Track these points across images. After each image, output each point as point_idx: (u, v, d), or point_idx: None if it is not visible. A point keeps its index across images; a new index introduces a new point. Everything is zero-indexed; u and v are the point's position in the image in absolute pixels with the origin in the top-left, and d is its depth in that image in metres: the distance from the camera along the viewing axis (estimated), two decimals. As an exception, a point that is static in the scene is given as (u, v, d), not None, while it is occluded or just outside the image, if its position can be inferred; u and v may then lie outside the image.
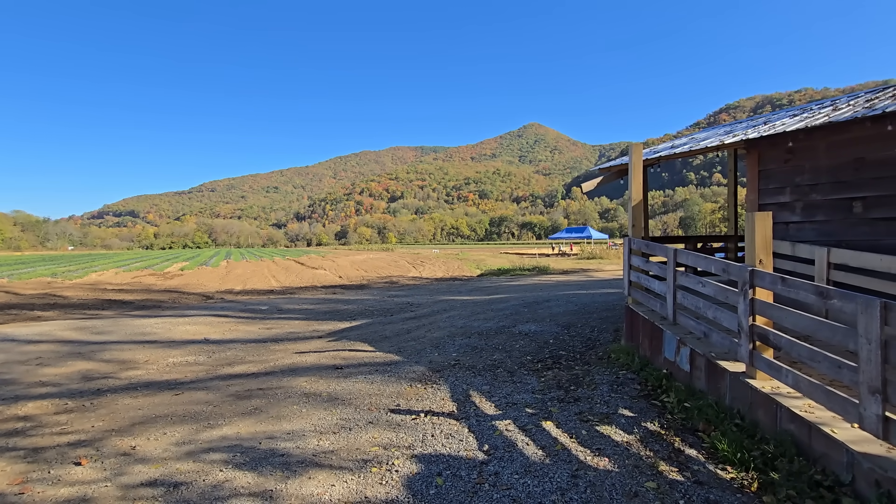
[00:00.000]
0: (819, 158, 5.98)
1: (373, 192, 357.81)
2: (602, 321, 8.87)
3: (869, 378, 2.77)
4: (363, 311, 12.34)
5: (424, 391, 5.36)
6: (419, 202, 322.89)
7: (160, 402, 5.41)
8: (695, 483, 3.09)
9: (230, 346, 8.62)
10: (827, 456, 3.09)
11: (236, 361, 7.37)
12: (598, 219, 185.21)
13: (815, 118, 5.96)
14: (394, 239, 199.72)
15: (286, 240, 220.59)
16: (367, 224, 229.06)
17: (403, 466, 3.57)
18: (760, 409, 3.72)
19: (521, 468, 3.42)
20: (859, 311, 2.82)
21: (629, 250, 6.44)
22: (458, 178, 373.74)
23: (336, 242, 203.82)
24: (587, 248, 43.55)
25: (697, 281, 4.72)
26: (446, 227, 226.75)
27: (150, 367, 7.22)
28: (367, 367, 6.58)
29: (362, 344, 8.16)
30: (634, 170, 6.34)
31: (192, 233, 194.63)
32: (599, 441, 3.79)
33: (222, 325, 10.82)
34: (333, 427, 4.41)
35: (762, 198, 6.61)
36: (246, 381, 6.14)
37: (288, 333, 9.74)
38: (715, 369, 4.37)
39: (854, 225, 5.65)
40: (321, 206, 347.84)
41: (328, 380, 6.00)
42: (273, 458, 3.80)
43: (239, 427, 4.50)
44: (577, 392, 5.06)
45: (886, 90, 6.95)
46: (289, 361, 7.16)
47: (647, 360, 5.68)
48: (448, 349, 7.34)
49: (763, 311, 3.77)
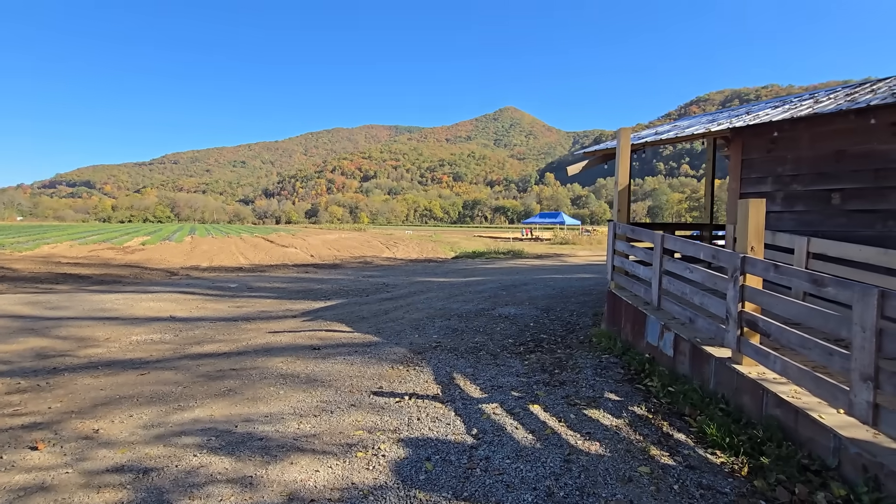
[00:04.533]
0: (801, 150, 6.07)
1: (345, 171, 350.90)
2: (581, 305, 8.93)
3: (861, 365, 2.79)
4: (338, 291, 12.06)
5: (407, 373, 5.24)
6: (392, 182, 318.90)
7: (124, 382, 5.09)
8: (687, 467, 3.09)
9: (198, 324, 8.24)
10: (813, 441, 3.13)
11: (206, 340, 7.05)
12: (571, 205, 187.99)
13: (800, 109, 6.03)
14: (366, 219, 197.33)
15: (254, 216, 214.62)
16: (339, 203, 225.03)
17: (390, 451, 3.44)
18: (746, 395, 3.77)
19: (513, 453, 3.35)
20: (855, 300, 2.83)
21: (614, 235, 6.43)
22: (432, 160, 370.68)
23: (306, 221, 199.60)
24: (560, 234, 44.11)
25: (685, 267, 4.72)
26: (419, 208, 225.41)
27: (111, 345, 6.81)
28: (346, 347, 6.40)
29: (339, 324, 7.95)
30: (622, 154, 6.29)
31: (153, 206, 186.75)
32: (589, 425, 3.77)
33: (189, 303, 10.36)
34: (314, 410, 4.23)
35: (744, 187, 6.70)
36: (217, 361, 5.86)
37: (260, 312, 9.40)
38: (700, 354, 4.40)
39: (832, 216, 5.79)
40: (291, 183, 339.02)
41: (305, 360, 5.79)
42: (251, 441, 3.60)
43: (212, 409, 4.27)
44: (561, 375, 5.03)
45: (864, 85, 7.10)
46: (262, 341, 6.89)
47: (629, 345, 5.71)
48: (428, 331, 7.22)
49: (753, 297, 3.79)
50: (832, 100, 6.32)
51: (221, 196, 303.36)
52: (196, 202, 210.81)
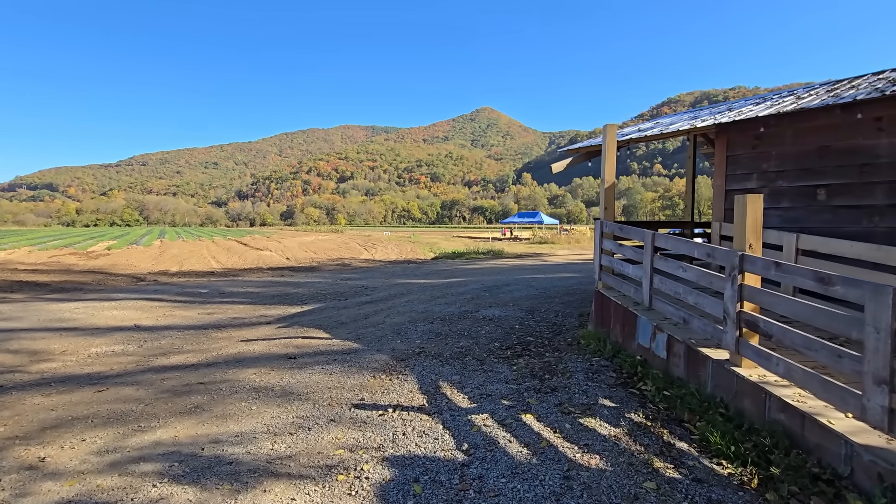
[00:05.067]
0: (786, 145, 6.03)
1: (321, 172, 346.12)
2: (565, 305, 8.77)
3: (875, 368, 2.64)
4: (315, 295, 11.64)
5: (390, 383, 4.94)
6: (370, 183, 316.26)
7: (79, 401, 4.65)
8: (693, 481, 2.89)
9: (165, 333, 7.75)
10: (822, 447, 2.98)
11: (172, 351, 6.59)
12: (548, 205, 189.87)
13: (784, 105, 5.98)
14: (343, 220, 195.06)
15: (227, 219, 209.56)
16: (315, 204, 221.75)
17: (374, 472, 3.15)
18: (747, 398, 3.61)
19: (508, 470, 3.10)
20: (867, 299, 2.68)
21: (601, 233, 6.26)
22: (409, 160, 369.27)
23: (282, 223, 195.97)
24: (539, 233, 44.30)
25: (678, 265, 4.56)
26: (397, 209, 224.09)
27: (67, 358, 6.30)
28: (324, 355, 6.05)
29: (317, 330, 7.58)
30: (608, 151, 6.13)
31: (120, 209, 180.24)
32: (586, 436, 3.55)
33: (156, 310, 9.80)
34: (290, 427, 3.90)
35: (729, 183, 6.63)
36: (184, 374, 5.45)
37: (232, 319, 8.94)
38: (696, 356, 4.24)
39: (817, 212, 5.75)
40: (265, 185, 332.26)
41: (280, 371, 5.43)
42: (219, 466, 3.25)
43: (177, 429, 3.89)
44: (552, 381, 4.82)
45: (841, 82, 7.14)
46: (234, 350, 6.48)
47: (619, 347, 5.54)
48: (411, 336, 6.92)
49: (752, 297, 3.63)
50: (814, 96, 6.30)
51: (193, 198, 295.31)
52: (166, 205, 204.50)
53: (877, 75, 6.74)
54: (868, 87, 5.85)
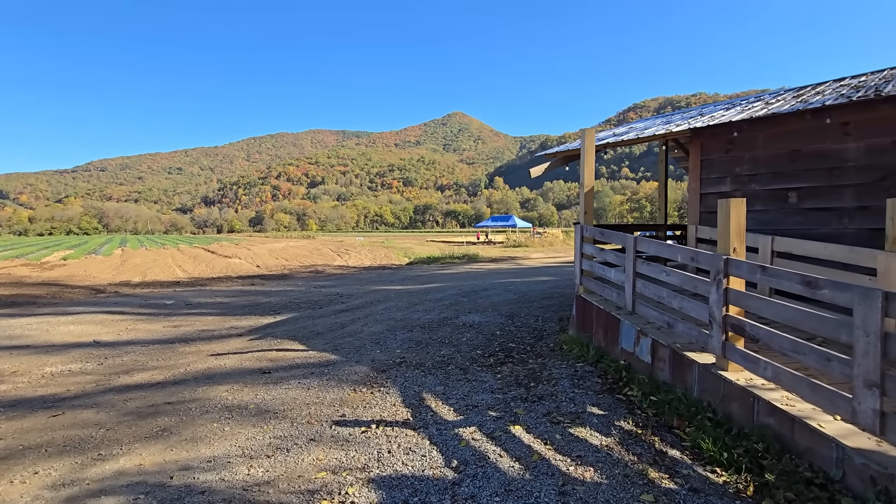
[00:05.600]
0: (758, 150, 6.16)
1: (291, 177, 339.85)
2: (544, 310, 8.75)
3: (865, 371, 2.65)
4: (288, 304, 11.27)
5: (371, 396, 4.75)
6: (341, 188, 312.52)
7: (31, 428, 4.27)
8: (690, 491, 2.84)
9: (128, 349, 7.31)
10: (812, 451, 2.98)
11: (136, 368, 6.20)
12: (520, 208, 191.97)
13: (756, 110, 6.11)
14: (314, 226, 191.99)
15: (193, 226, 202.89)
16: (286, 210, 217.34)
17: (360, 495, 2.97)
18: (734, 402, 3.60)
19: (501, 488, 2.97)
20: (856, 302, 2.69)
21: (581, 238, 6.25)
22: (381, 165, 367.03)
23: (251, 229, 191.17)
24: (512, 237, 44.62)
25: (661, 270, 4.56)
26: (370, 214, 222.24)
27: (18, 379, 5.83)
28: (301, 369, 5.80)
29: (291, 342, 7.29)
30: (587, 155, 6.13)
31: (77, 217, 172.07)
32: (578, 446, 3.46)
33: (118, 324, 9.27)
34: (267, 448, 3.66)
35: (704, 187, 6.74)
36: (150, 394, 5.10)
37: (200, 332, 8.53)
38: (681, 360, 4.23)
39: (789, 214, 5.89)
40: (233, 190, 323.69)
41: (255, 387, 5.15)
42: (190, 497, 3.00)
43: (142, 456, 3.60)
44: (538, 389, 4.73)
45: (805, 88, 7.38)
46: (203, 366, 6.15)
47: (602, 352, 5.52)
48: (390, 345, 6.74)
49: (738, 300, 3.64)
50: (783, 101, 6.48)
51: (156, 205, 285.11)
52: (127, 212, 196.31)
53: (838, 82, 7.00)
54: (832, 92, 6.05)
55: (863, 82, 6.21)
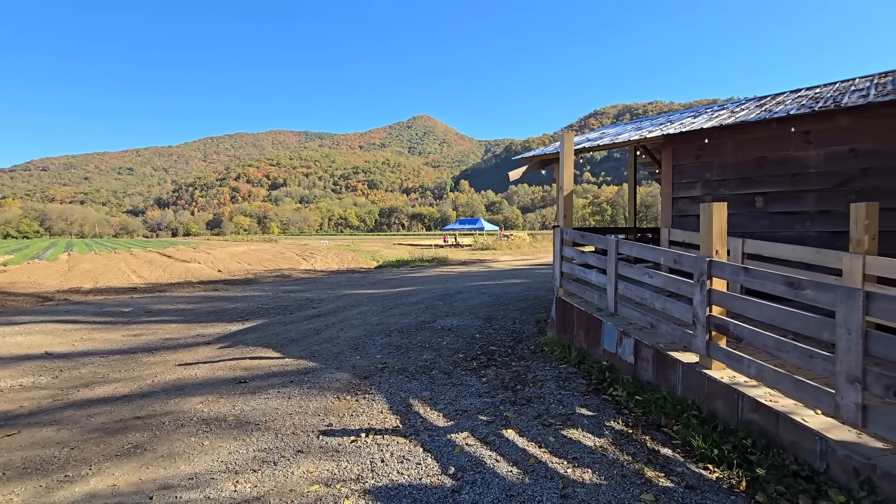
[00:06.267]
0: (727, 156, 6.44)
1: (251, 179, 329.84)
2: (521, 312, 8.82)
3: (848, 367, 2.78)
4: (256, 310, 10.89)
5: (357, 404, 4.62)
6: (304, 190, 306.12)
7: (-17, 450, 3.90)
8: (687, 488, 2.90)
9: (85, 360, 6.85)
10: (796, 444, 3.10)
11: (97, 381, 5.81)
12: (485, 211, 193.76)
13: (724, 117, 6.38)
14: (276, 229, 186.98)
15: (145, 229, 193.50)
16: (246, 212, 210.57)
17: (358, 508, 2.87)
18: (719, 400, 3.72)
19: (502, 493, 2.94)
20: (838, 302, 2.82)
21: (560, 240, 6.33)
22: (345, 167, 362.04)
23: (208, 233, 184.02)
24: (480, 240, 44.93)
25: (643, 272, 4.67)
26: (334, 217, 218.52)
27: (-38, 397, 5.34)
28: (279, 377, 5.59)
29: (265, 349, 7.03)
30: (566, 159, 6.22)
31: (16, 220, 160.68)
32: (572, 448, 3.48)
33: (71, 334, 8.69)
34: (252, 462, 3.49)
35: (675, 191, 6.98)
36: (115, 408, 4.78)
37: (164, 340, 8.11)
38: (665, 360, 4.34)
39: (756, 218, 6.18)
40: (189, 192, 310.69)
41: (231, 398, 4.92)
42: (174, 518, 2.82)
43: (114, 476, 3.35)
44: (525, 392, 4.74)
45: (765, 98, 7.78)
46: (172, 377, 5.83)
47: (585, 353, 5.60)
48: (370, 350, 6.60)
49: (721, 301, 3.76)
50: (747, 110, 6.81)
51: (105, 207, 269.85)
52: (72, 214, 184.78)
53: (795, 92, 7.42)
54: (793, 102, 6.40)
55: (819, 94, 6.60)
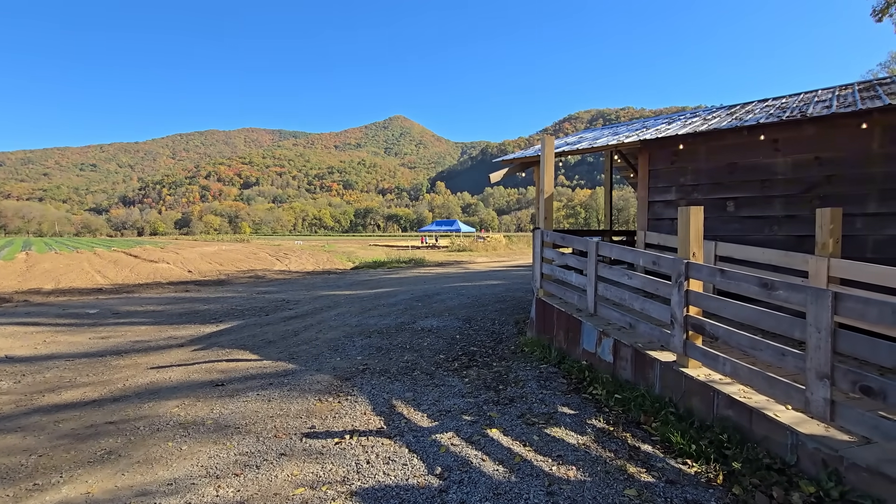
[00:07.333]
0: (700, 162, 6.67)
1: (222, 177, 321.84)
2: (499, 313, 8.90)
3: (817, 364, 2.93)
4: (230, 312, 10.64)
5: (339, 405, 4.58)
6: (277, 190, 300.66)
7: (-59, 459, 3.69)
8: (667, 483, 2.99)
9: (49, 364, 6.56)
10: (769, 439, 3.24)
11: (63, 386, 5.57)
12: (461, 213, 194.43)
13: (697, 124, 6.60)
14: (248, 229, 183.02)
15: (109, 228, 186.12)
16: (216, 212, 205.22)
17: (345, 510, 2.85)
18: (695, 397, 3.85)
19: (489, 492, 2.97)
20: (809, 302, 2.97)
21: (541, 242, 6.43)
22: (320, 167, 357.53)
23: (176, 232, 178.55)
24: (457, 241, 45.06)
25: (623, 273, 4.79)
26: (308, 217, 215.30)
27: (-85, 404, 5.03)
28: (257, 380, 5.48)
29: (242, 351, 6.88)
30: (547, 162, 6.33)
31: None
32: (556, 446, 3.54)
33: (32, 337, 8.30)
34: (234, 466, 3.42)
35: (651, 195, 7.19)
36: (85, 413, 4.60)
37: (133, 343, 7.83)
38: (643, 359, 4.46)
39: (728, 222, 6.42)
40: (156, 190, 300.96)
41: (209, 401, 4.80)
42: (153, 525, 2.73)
43: (88, 483, 3.23)
44: (507, 392, 4.79)
45: (735, 107, 8.09)
46: (145, 380, 5.64)
47: (564, 353, 5.69)
48: (350, 352, 6.55)
49: (698, 301, 3.90)
50: (719, 117, 7.07)
51: (65, 204, 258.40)
52: (30, 211, 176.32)
53: (762, 102, 7.74)
54: (761, 112, 6.68)
55: (785, 104, 6.91)
